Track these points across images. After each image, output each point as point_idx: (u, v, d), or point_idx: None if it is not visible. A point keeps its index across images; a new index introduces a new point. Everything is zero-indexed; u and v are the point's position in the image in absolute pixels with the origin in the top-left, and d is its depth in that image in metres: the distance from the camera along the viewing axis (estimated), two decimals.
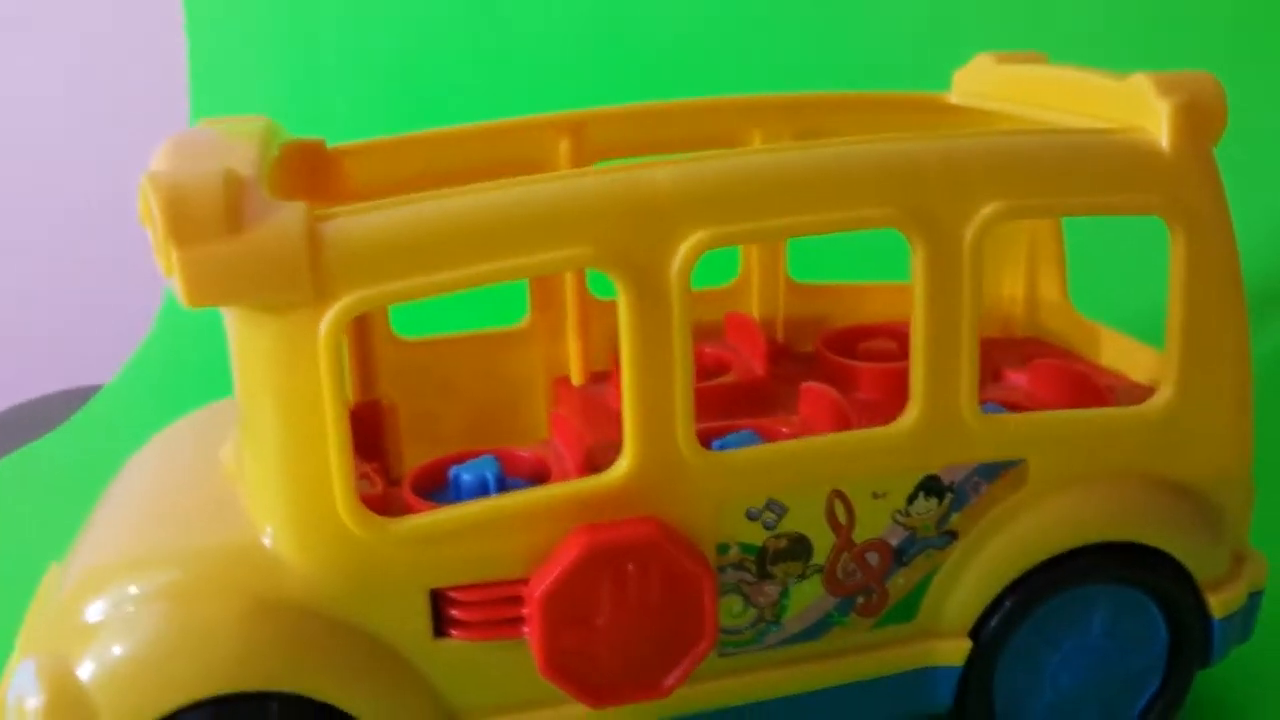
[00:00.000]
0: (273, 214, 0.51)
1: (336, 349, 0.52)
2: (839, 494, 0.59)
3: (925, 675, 0.63)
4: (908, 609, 0.62)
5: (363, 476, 0.62)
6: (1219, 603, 0.65)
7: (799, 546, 0.59)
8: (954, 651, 0.62)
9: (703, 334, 0.79)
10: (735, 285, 0.83)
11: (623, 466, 0.56)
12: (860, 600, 0.61)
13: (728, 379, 0.73)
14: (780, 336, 0.84)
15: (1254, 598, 0.67)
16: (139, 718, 0.53)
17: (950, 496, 0.60)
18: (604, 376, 0.78)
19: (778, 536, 0.59)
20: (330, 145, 0.73)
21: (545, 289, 0.79)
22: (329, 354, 0.52)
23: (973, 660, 0.62)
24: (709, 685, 0.60)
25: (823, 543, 0.60)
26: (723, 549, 0.58)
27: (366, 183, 0.75)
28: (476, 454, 0.64)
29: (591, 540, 0.54)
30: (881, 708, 0.63)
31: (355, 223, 0.53)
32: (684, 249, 0.54)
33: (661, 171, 0.55)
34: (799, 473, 0.58)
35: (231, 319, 0.54)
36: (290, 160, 0.69)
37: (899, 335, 0.78)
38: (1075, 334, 0.79)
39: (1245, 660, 0.72)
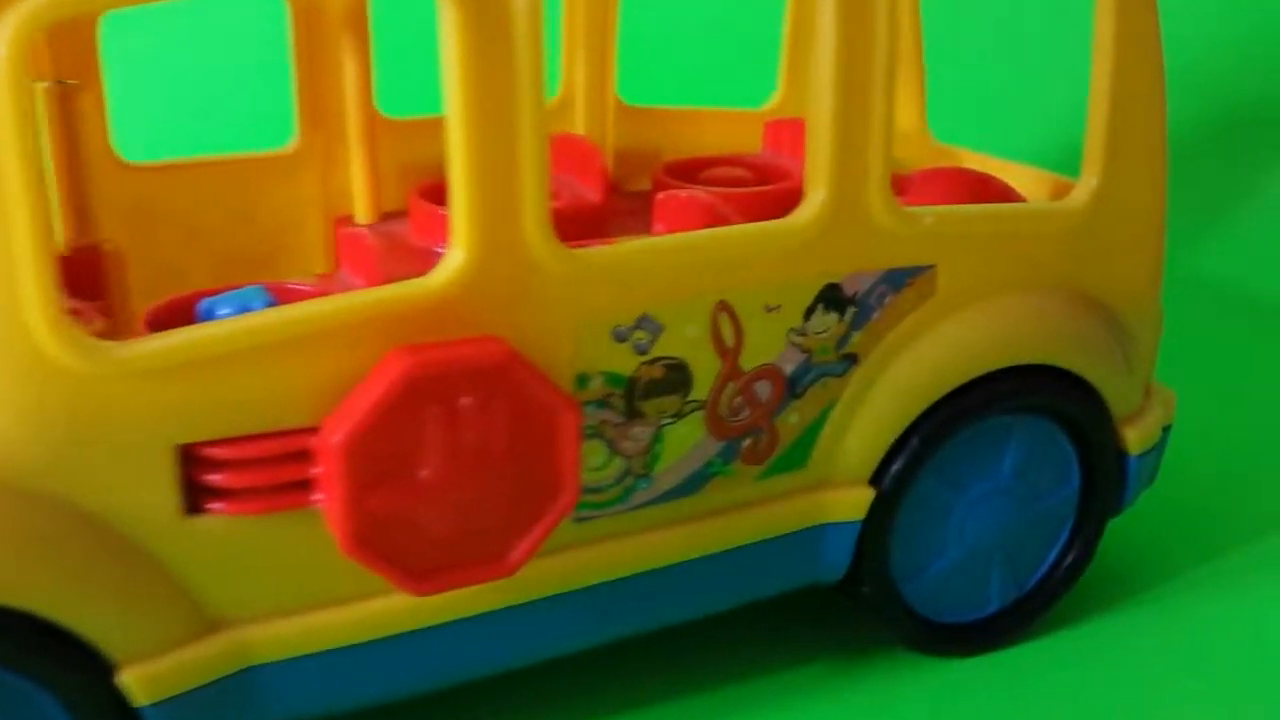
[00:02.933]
0: None
1: (22, 83, 0.34)
2: (725, 307, 0.45)
3: (818, 535, 0.50)
4: (799, 454, 0.49)
5: (75, 313, 0.43)
6: (1135, 437, 0.55)
7: (677, 376, 0.45)
8: (853, 503, 0.50)
9: None
10: (556, 106, 0.67)
11: (451, 265, 0.40)
12: (747, 444, 0.47)
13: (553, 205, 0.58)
14: (610, 169, 0.68)
15: (1165, 433, 0.58)
16: None
17: (852, 311, 0.48)
18: (398, 217, 0.61)
19: (652, 363, 0.44)
20: None
21: (318, 101, 0.61)
22: (12, 90, 0.33)
23: (872, 514, 0.50)
24: (562, 559, 0.45)
25: (705, 371, 0.46)
26: (582, 381, 0.43)
27: None
28: (234, 287, 0.46)
29: (414, 364, 0.38)
30: (766, 580, 0.50)
31: None
32: None
33: None
34: (680, 279, 0.44)
35: None
36: None
37: (750, 166, 0.65)
38: (935, 162, 0.68)
39: (1154, 510, 0.63)
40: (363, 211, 0.61)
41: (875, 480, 0.50)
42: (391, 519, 0.39)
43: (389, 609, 0.42)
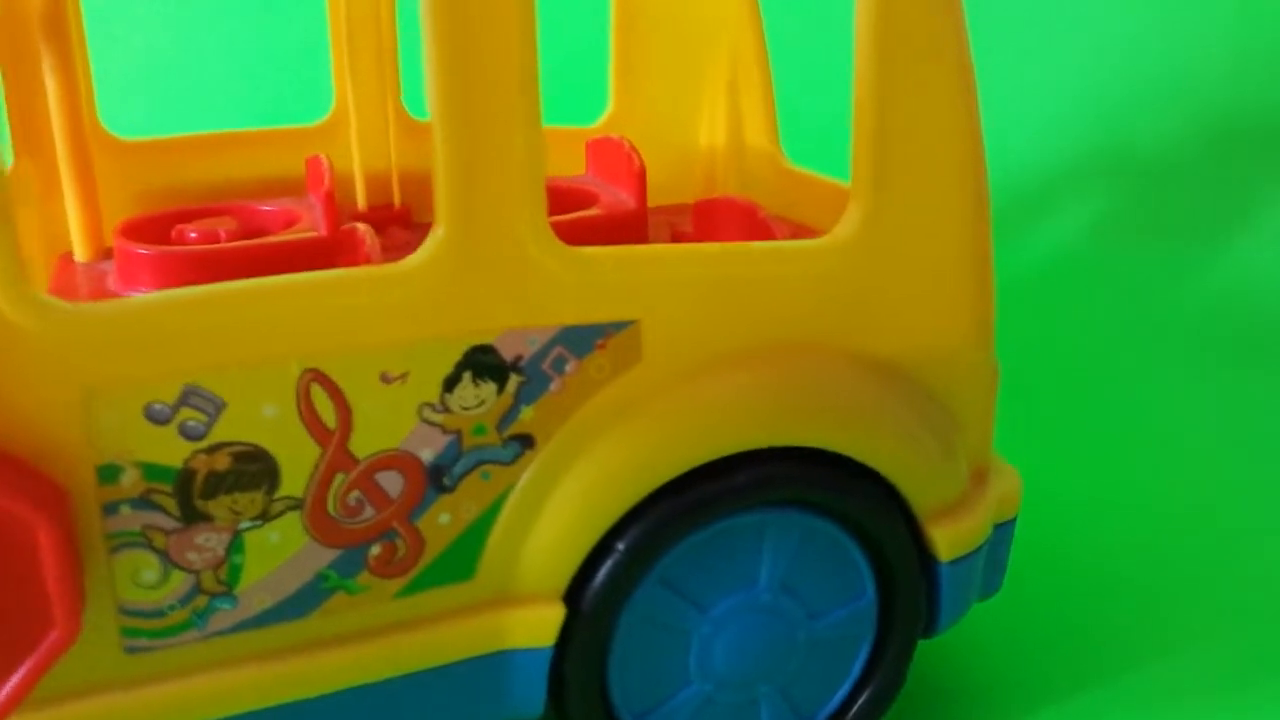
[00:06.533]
0: None
1: None
2: (319, 376, 0.34)
3: (496, 666, 0.38)
4: (461, 563, 0.38)
5: None
6: (947, 539, 0.42)
7: (254, 467, 0.34)
8: (539, 625, 0.38)
9: (287, 186, 0.55)
10: (329, 123, 0.58)
11: None
12: (375, 552, 0.36)
13: (266, 240, 0.48)
14: (397, 199, 0.58)
15: (1002, 530, 0.45)
16: None
17: (517, 380, 0.36)
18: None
19: (212, 450, 0.34)
20: None
21: (31, 123, 0.52)
22: None
23: (572, 637, 0.39)
24: (103, 704, 0.34)
25: (297, 459, 0.35)
26: (109, 474, 0.33)
27: None
28: None
29: None
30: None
31: None
32: None
33: None
34: (240, 340, 0.33)
35: None
36: None
37: (554, 192, 0.54)
38: (790, 189, 0.56)
39: (990, 625, 0.50)
40: (80, 248, 0.52)
41: (572, 596, 0.38)
42: None
43: None
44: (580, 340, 0.36)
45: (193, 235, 0.48)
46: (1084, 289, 0.85)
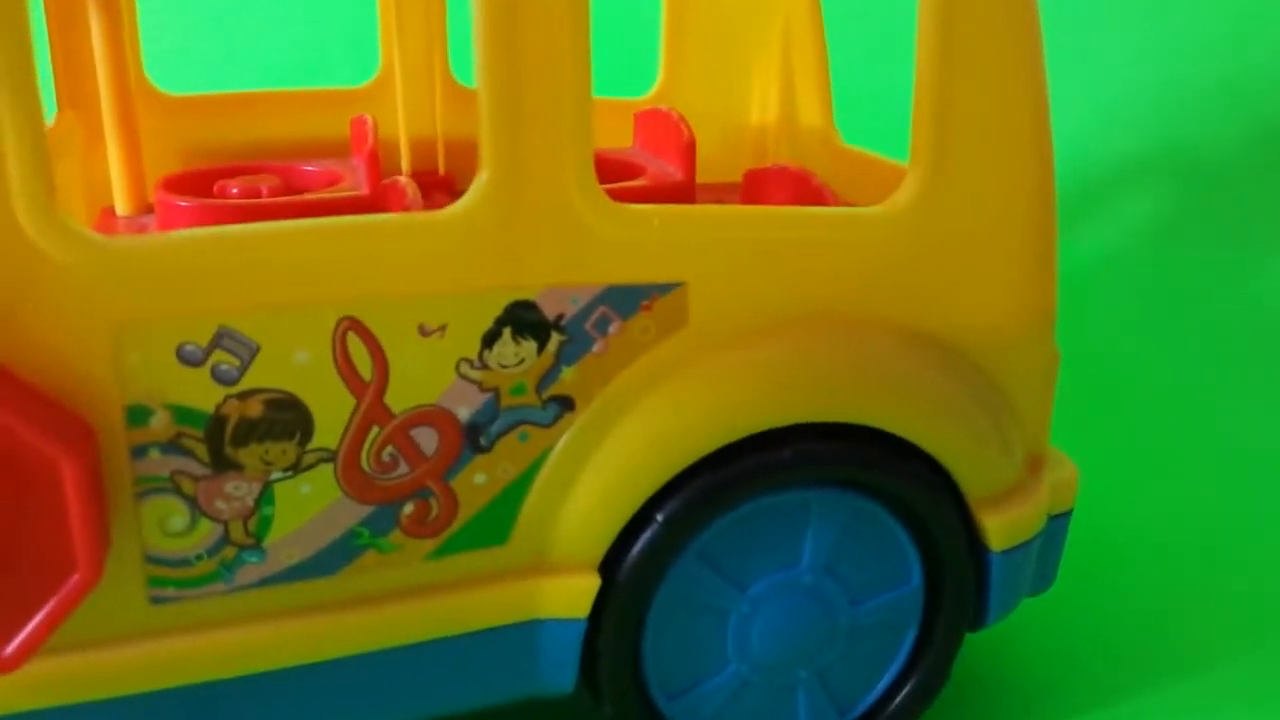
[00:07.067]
0: None
1: None
2: (355, 325, 0.33)
3: (527, 636, 0.37)
4: (495, 526, 0.36)
5: None
6: (999, 527, 0.41)
7: (287, 415, 0.33)
8: (573, 595, 0.37)
9: (330, 148, 0.54)
10: (374, 86, 0.57)
11: None
12: (409, 510, 0.35)
13: (308, 195, 0.47)
14: (442, 166, 0.57)
15: (1057, 523, 0.43)
16: None
17: (559, 339, 0.35)
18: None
19: (245, 396, 0.33)
20: None
21: (75, 75, 0.52)
22: None
23: (606, 609, 0.37)
24: (123, 655, 0.33)
25: (331, 410, 0.34)
26: (138, 416, 0.32)
27: None
28: None
29: None
30: (458, 690, 0.37)
31: None
32: None
33: None
34: (274, 282, 0.32)
35: None
36: None
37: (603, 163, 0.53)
38: (844, 167, 0.55)
39: (1041, 622, 0.48)
40: (122, 202, 0.52)
41: (608, 567, 0.37)
42: None
43: None
44: (625, 300, 0.35)
45: (234, 191, 0.48)
46: (1136, 290, 0.83)
